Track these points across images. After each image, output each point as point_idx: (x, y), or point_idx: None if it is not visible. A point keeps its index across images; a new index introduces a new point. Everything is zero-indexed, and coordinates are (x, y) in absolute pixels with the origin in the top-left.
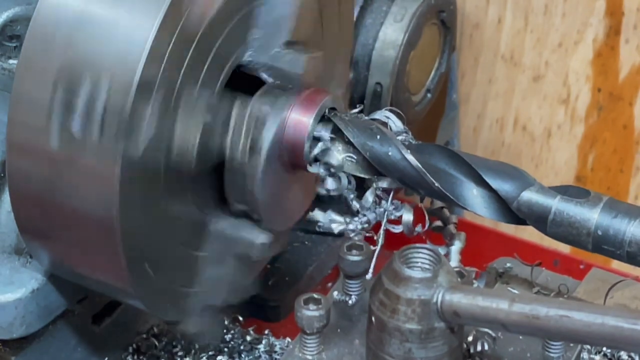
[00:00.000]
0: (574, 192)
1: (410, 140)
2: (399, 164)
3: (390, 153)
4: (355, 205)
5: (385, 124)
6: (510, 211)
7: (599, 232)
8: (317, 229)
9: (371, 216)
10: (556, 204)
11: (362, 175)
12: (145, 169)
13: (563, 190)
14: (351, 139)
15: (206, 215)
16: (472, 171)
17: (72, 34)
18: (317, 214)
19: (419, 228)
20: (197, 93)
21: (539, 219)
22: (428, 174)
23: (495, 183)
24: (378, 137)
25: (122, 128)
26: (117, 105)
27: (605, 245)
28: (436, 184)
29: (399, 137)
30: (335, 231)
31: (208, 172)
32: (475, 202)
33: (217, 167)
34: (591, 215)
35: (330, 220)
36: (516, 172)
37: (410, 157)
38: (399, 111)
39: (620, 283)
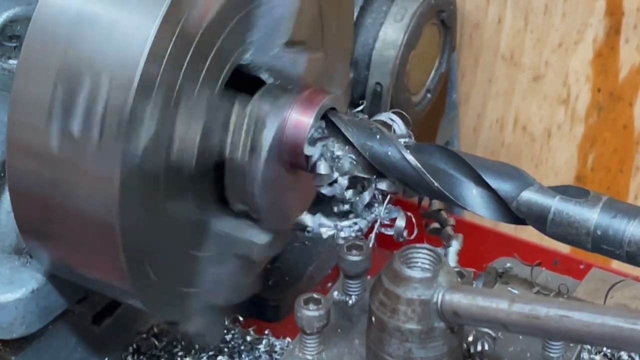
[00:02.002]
0: (573, 192)
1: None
2: (399, 164)
3: (389, 153)
4: (348, 206)
5: (389, 126)
6: (510, 211)
7: (599, 232)
8: (307, 234)
9: (362, 224)
10: (555, 204)
11: (361, 175)
12: (145, 169)
13: (562, 190)
14: (350, 139)
15: (207, 215)
16: (472, 171)
17: (72, 34)
18: (306, 218)
19: (406, 234)
20: (198, 92)
21: (539, 218)
22: (427, 174)
23: (494, 183)
24: (377, 137)
25: (122, 128)
26: (117, 105)
27: (605, 245)
28: (435, 184)
29: (401, 141)
30: (324, 236)
31: (208, 172)
32: (475, 202)
33: (218, 166)
34: (590, 215)
35: (320, 224)
36: (515, 172)
37: (410, 157)
38: (404, 113)
39: (620, 283)
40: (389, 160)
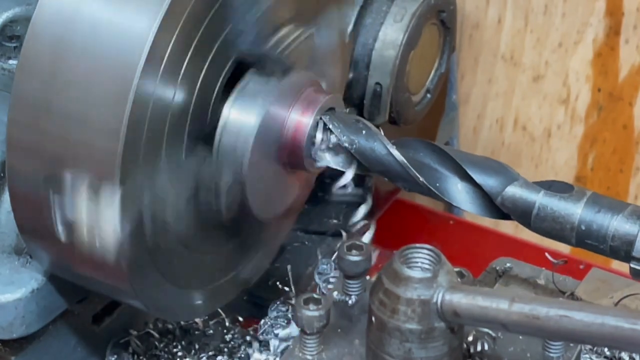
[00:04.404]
0: (558, 187)
1: None
2: (384, 159)
3: (375, 148)
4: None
5: None
6: (495, 206)
7: (583, 227)
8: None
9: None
10: (540, 199)
11: (336, 167)
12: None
13: (547, 185)
14: (337, 135)
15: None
16: (457, 166)
17: (72, 34)
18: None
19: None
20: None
21: (523, 213)
22: (413, 169)
23: (479, 178)
24: (363, 132)
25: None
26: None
27: (589, 239)
28: (421, 179)
29: None
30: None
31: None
32: (460, 197)
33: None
34: (575, 210)
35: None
36: (500, 167)
37: (395, 152)
38: None
39: (620, 283)
40: (375, 156)
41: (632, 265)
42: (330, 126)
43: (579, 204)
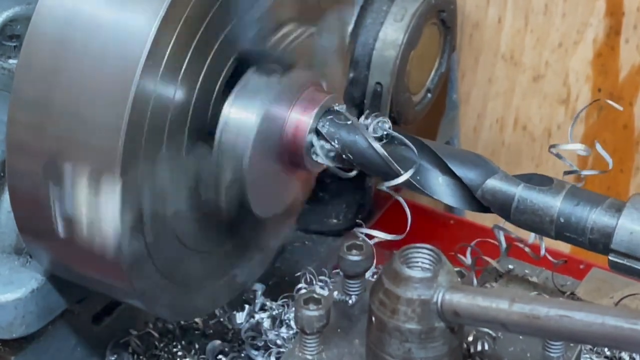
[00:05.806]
0: (537, 180)
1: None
2: (366, 152)
3: (357, 141)
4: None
5: None
6: (475, 199)
7: (562, 220)
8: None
9: None
10: (519, 192)
11: (331, 165)
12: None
13: (527, 179)
14: (320, 129)
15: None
16: (438, 159)
17: (72, 33)
18: None
19: None
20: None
21: (503, 206)
22: (394, 162)
23: (460, 171)
24: (346, 125)
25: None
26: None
27: (568, 232)
28: (402, 172)
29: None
30: None
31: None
32: (441, 190)
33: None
34: (554, 203)
35: None
36: (481, 161)
37: (377, 145)
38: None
39: (620, 283)
40: (357, 149)
41: (610, 258)
42: (317, 124)
43: (558, 197)
